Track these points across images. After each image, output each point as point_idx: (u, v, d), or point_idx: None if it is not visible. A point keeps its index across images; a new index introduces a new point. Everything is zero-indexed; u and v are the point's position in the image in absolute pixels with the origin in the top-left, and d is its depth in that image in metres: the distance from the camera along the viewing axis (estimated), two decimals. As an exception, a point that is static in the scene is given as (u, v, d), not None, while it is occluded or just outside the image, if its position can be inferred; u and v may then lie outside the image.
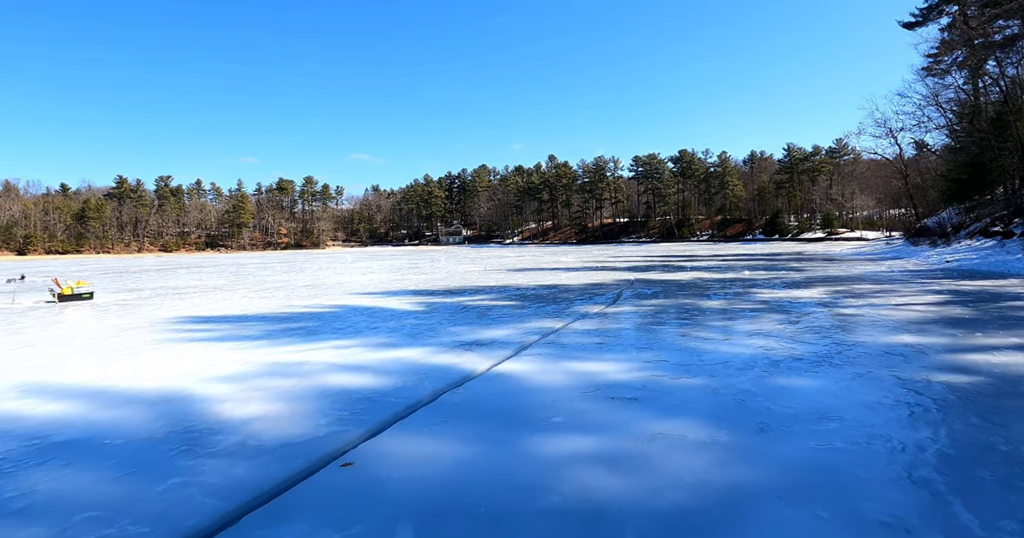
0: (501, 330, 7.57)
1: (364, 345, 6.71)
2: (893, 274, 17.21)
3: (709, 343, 6.39)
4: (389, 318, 9.09)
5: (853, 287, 13.08)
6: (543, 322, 8.27)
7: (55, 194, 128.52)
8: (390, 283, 17.49)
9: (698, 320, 8.22)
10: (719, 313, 8.94)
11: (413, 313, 9.73)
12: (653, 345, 6.32)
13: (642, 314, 8.98)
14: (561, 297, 11.92)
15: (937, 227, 39.90)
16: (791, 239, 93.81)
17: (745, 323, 7.85)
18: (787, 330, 7.18)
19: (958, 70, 45.50)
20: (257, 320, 9.35)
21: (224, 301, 12.86)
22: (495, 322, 8.37)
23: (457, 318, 8.92)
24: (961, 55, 44.74)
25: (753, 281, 15.29)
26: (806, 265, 23.35)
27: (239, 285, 18.22)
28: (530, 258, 38.79)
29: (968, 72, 43.19)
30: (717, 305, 10.00)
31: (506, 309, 10.05)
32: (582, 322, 8.19)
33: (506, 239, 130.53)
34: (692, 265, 24.92)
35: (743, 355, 5.69)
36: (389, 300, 12.00)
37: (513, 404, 4.16)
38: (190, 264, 43.65)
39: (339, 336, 7.43)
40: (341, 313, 9.98)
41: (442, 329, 7.80)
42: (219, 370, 5.57)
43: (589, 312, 9.34)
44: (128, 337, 7.98)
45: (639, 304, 10.39)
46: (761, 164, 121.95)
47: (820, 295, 11.38)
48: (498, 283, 16.53)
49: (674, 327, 7.58)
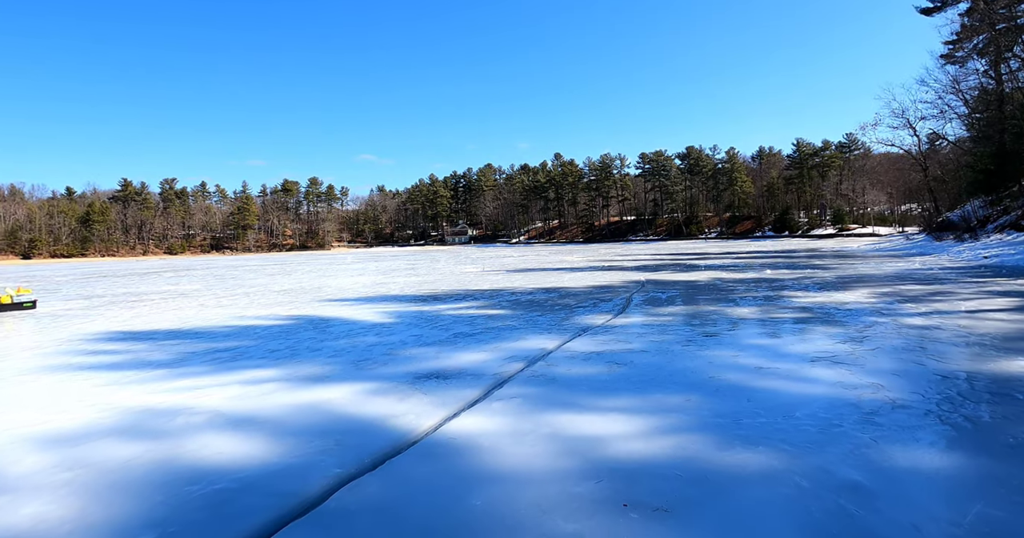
0: (476, 353, 5.82)
1: (286, 378, 4.99)
2: (933, 272, 15.35)
3: (758, 375, 4.61)
4: (343, 335, 7.36)
5: (899, 288, 11.25)
6: (533, 340, 6.51)
7: (60, 198, 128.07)
8: (374, 287, 15.79)
9: (731, 336, 6.44)
10: (756, 325, 7.14)
11: (377, 327, 8.00)
12: (679, 379, 4.55)
13: (658, 327, 7.21)
14: (561, 304, 10.16)
15: (962, 221, 37.87)
16: (801, 236, 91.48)
17: (795, 340, 6.06)
18: (855, 352, 5.39)
19: (979, 57, 43.44)
20: (186, 337, 7.66)
21: (174, 311, 11.20)
22: (472, 341, 6.62)
23: (427, 334, 7.18)
24: (982, 41, 42.70)
25: (780, 282, 13.46)
26: (829, 262, 21.46)
27: (211, 290, 16.57)
28: (534, 258, 37.00)
29: (990, 59, 41.14)
30: (749, 313, 8.20)
31: (492, 321, 8.31)
32: (582, 340, 6.42)
33: (512, 238, 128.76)
34: (706, 264, 23.06)
35: (815, 399, 3.91)
36: (360, 309, 10.28)
37: (453, 520, 2.40)
38: (183, 267, 42.17)
39: (264, 363, 5.71)
40: (292, 327, 8.27)
41: (401, 352, 6.05)
42: (56, 422, 3.87)
43: (592, 324, 7.58)
44: (16, 361, 6.32)
45: (653, 313, 8.61)
46: (770, 160, 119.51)
47: (867, 299, 9.56)
48: (492, 286, 14.79)
49: (702, 347, 5.80)
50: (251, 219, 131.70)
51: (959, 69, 44.33)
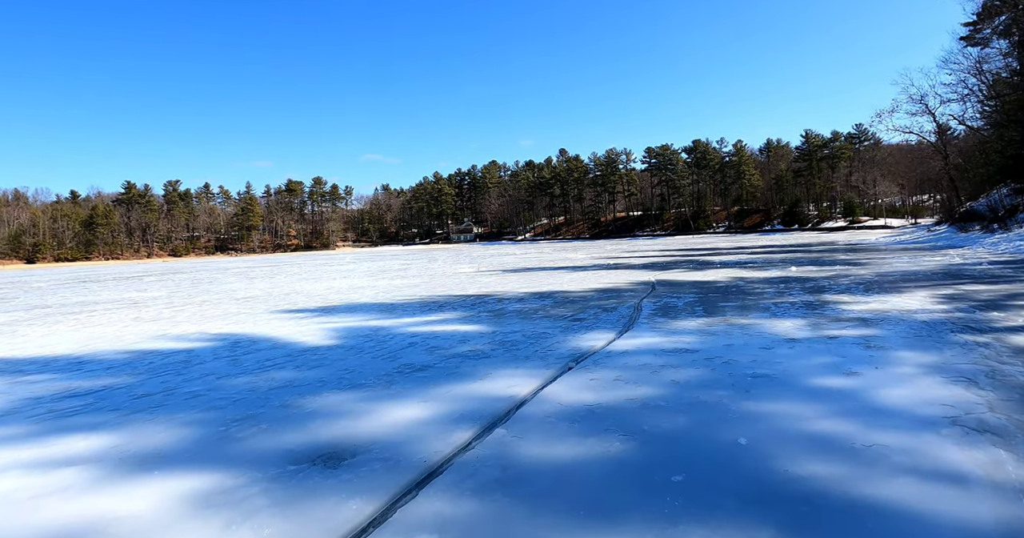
0: (412, 407, 3.95)
1: (96, 460, 3.14)
2: (983, 267, 13.39)
3: (859, 466, 2.71)
4: (254, 367, 5.50)
5: (963, 290, 9.31)
6: (502, 380, 4.64)
7: (65, 201, 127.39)
8: (348, 292, 13.97)
9: (784, 372, 4.53)
10: (812, 350, 5.22)
11: (307, 353, 6.14)
12: (726, 479, 2.66)
13: (678, 356, 5.31)
14: (553, 315, 8.27)
15: (988, 210, 35.73)
16: (812, 229, 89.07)
17: (883, 380, 4.14)
18: (988, 401, 3.48)
19: (1000, 38, 41.36)
20: (63, 369, 5.85)
21: (99, 326, 9.41)
22: (418, 381, 4.76)
23: (364, 368, 5.31)
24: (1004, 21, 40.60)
25: (813, 282, 11.52)
26: (856, 257, 19.44)
27: (169, 298, 14.81)
28: (536, 256, 35.10)
29: (1014, 39, 39.04)
30: (795, 329, 6.29)
31: (460, 343, 6.45)
32: (571, 381, 4.54)
33: (518, 236, 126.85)
34: (720, 260, 21.08)
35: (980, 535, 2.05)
36: (308, 325, 8.45)
37: None
38: (173, 270, 40.55)
39: (100, 424, 3.85)
40: (204, 352, 6.42)
41: (307, 402, 4.18)
42: None
43: (589, 349, 5.70)
44: None
45: (669, 329, 6.71)
46: (778, 152, 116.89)
47: (934, 305, 7.63)
48: (481, 290, 12.94)
49: (749, 395, 3.91)
50: (255, 220, 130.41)
51: (981, 51, 42.19)
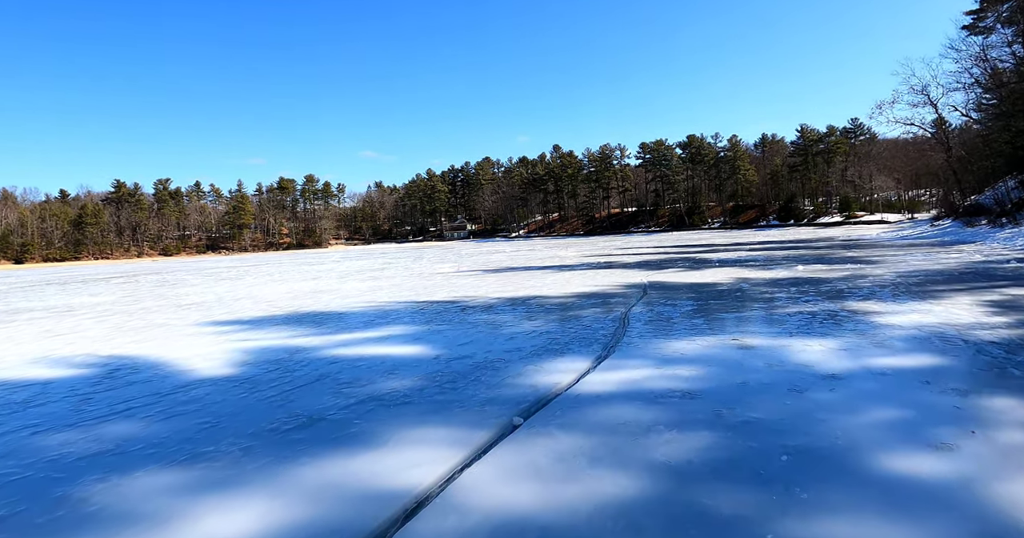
0: (237, 513, 2.46)
1: None
2: (1012, 265, 12.03)
3: None
4: (90, 418, 3.95)
5: (1007, 294, 7.89)
6: (400, 458, 3.08)
7: (54, 201, 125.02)
8: (303, 298, 12.43)
9: (842, 449, 3.05)
10: (870, 397, 3.72)
11: (176, 394, 4.59)
12: None
13: (674, 404, 3.81)
14: (519, 332, 6.74)
15: (995, 204, 34.49)
16: (808, 224, 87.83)
17: (998, 461, 2.69)
18: None
19: (1005, 26, 40.29)
20: None
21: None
22: (275, 458, 3.24)
23: (218, 428, 3.77)
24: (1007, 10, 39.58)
25: (828, 285, 10.05)
26: (863, 254, 18.01)
27: (114, 305, 13.22)
28: (525, 253, 33.59)
29: (1019, 27, 37.92)
30: (827, 354, 4.80)
31: (383, 380, 4.94)
32: (502, 463, 2.97)
33: (512, 232, 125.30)
34: (719, 258, 19.61)
35: None
36: (220, 345, 6.91)
37: None
38: (151, 270, 38.83)
39: None
40: (55, 388, 4.91)
41: (85, 501, 2.70)
42: None
43: (552, 392, 4.20)
44: None
45: (661, 357, 5.22)
46: (773, 147, 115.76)
47: (986, 316, 6.16)
48: (449, 295, 11.43)
49: (792, 498, 2.44)
50: (247, 218, 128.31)
51: (986, 39, 41.05)
